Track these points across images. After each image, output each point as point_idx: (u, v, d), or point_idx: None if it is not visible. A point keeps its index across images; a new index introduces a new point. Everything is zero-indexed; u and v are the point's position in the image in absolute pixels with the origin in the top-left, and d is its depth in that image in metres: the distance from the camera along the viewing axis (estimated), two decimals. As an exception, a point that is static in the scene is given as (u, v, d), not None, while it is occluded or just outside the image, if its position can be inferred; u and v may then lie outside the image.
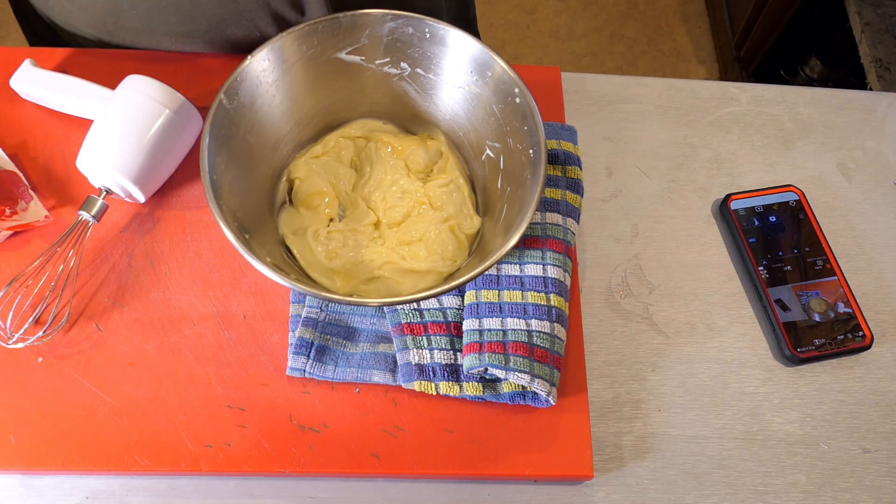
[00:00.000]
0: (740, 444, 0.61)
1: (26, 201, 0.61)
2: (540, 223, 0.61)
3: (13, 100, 0.67)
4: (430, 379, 0.57)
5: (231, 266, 0.62)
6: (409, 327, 0.58)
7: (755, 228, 0.68)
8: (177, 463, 0.55)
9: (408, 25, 0.58)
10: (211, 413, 0.57)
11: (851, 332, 0.64)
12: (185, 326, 0.59)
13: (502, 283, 0.59)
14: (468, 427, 0.58)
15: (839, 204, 0.72)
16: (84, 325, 0.59)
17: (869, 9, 1.42)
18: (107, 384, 0.57)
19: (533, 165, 0.55)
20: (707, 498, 0.59)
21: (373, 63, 0.62)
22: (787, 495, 0.60)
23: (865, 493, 0.60)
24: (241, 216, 0.55)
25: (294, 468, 0.55)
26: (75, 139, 0.65)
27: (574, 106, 0.74)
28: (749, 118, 0.76)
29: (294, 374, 0.58)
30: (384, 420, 0.57)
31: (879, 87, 1.34)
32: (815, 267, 0.67)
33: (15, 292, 0.58)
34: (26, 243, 0.62)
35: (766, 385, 0.63)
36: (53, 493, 0.56)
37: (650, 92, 0.76)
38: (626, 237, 0.69)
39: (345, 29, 0.59)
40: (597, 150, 0.72)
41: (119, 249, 0.62)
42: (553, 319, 0.57)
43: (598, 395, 0.62)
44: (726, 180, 0.72)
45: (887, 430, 0.63)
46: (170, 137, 0.61)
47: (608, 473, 0.59)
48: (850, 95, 0.78)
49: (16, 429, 0.55)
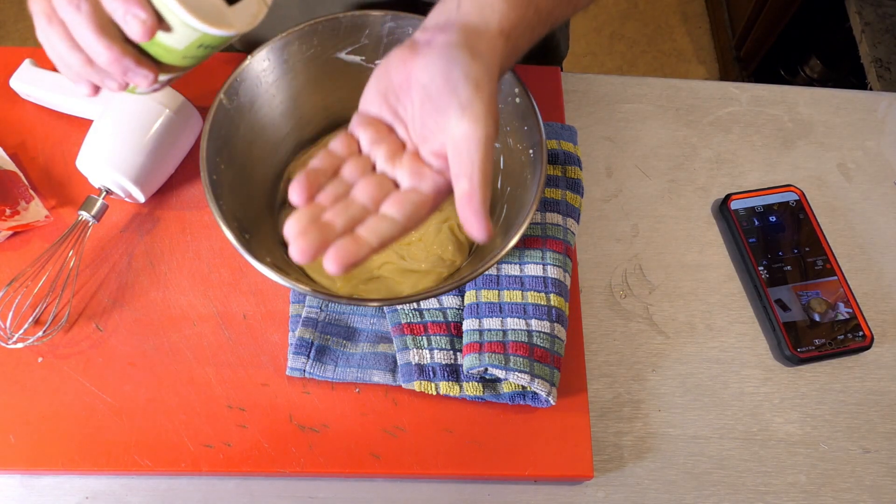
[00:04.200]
0: (740, 444, 0.61)
1: (26, 201, 0.61)
2: (540, 223, 0.61)
3: (13, 100, 0.67)
4: (430, 379, 0.57)
5: (231, 266, 0.62)
6: (409, 327, 0.58)
7: (755, 228, 0.68)
8: (177, 463, 0.55)
9: (408, 25, 0.58)
10: (211, 413, 0.57)
11: (851, 332, 0.64)
12: (185, 326, 0.59)
13: (502, 283, 0.59)
14: (468, 427, 0.58)
15: (839, 204, 0.72)
16: (84, 325, 0.59)
17: (869, 9, 1.42)
18: (107, 384, 0.57)
19: (533, 165, 0.55)
20: (707, 498, 0.59)
21: (373, 63, 0.62)
22: (787, 495, 0.60)
23: (865, 493, 0.60)
24: (241, 216, 0.55)
25: (294, 468, 0.55)
26: (75, 139, 0.65)
27: (574, 106, 0.74)
28: (749, 118, 0.76)
29: (294, 374, 0.58)
30: (384, 420, 0.57)
31: (879, 87, 1.34)
32: (815, 267, 0.67)
33: (15, 292, 0.58)
34: (26, 243, 0.62)
35: (766, 385, 0.63)
36: (53, 493, 0.56)
37: (650, 92, 0.76)
38: (626, 237, 0.69)
39: (345, 29, 0.58)
40: (597, 150, 0.72)
41: (119, 249, 0.62)
42: (553, 319, 0.57)
43: (598, 395, 0.62)
44: (726, 180, 0.72)
45: (887, 430, 0.63)
46: (169, 137, 0.61)
47: (608, 473, 0.59)
48: (850, 95, 0.78)
49: (16, 429, 0.55)
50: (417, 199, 0.44)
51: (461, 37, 0.43)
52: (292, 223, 0.42)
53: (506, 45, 0.45)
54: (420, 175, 0.45)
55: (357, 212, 0.44)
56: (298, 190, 0.43)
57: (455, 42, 0.43)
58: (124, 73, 0.43)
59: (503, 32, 0.45)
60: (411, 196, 0.44)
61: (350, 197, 0.44)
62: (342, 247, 0.41)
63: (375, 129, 0.46)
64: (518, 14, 0.46)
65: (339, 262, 0.41)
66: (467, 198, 0.42)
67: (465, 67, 0.42)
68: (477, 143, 0.42)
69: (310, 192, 0.44)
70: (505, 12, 0.45)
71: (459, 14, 0.45)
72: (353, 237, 0.42)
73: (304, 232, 0.41)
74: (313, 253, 0.41)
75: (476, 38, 0.44)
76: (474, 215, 0.42)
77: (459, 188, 0.42)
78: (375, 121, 0.47)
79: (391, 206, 0.44)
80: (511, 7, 0.45)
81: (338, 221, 0.43)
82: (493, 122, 0.43)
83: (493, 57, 0.44)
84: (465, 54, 0.43)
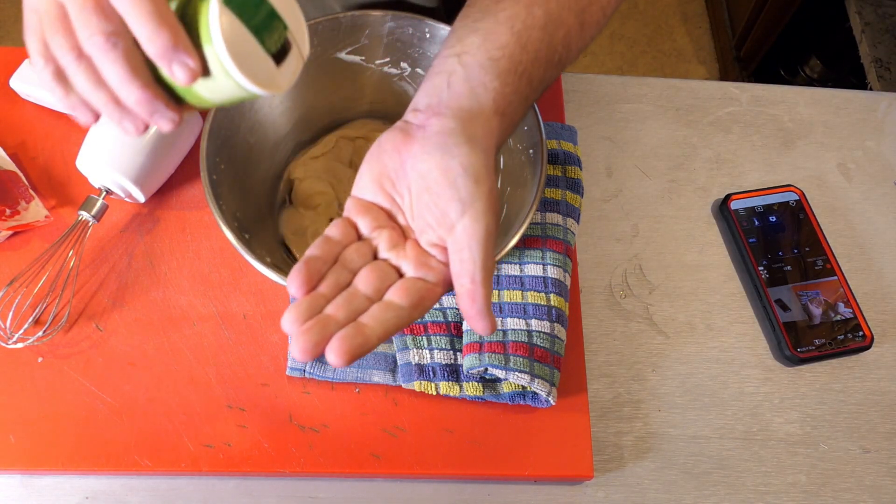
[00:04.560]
0: (740, 444, 0.61)
1: (26, 201, 0.61)
2: (540, 223, 0.61)
3: (13, 100, 0.67)
4: (430, 379, 0.57)
5: (231, 266, 0.62)
6: (409, 327, 0.58)
7: (755, 228, 0.68)
8: (177, 463, 0.55)
9: (408, 25, 0.58)
10: (211, 413, 0.57)
11: (851, 332, 0.64)
12: (185, 326, 0.59)
13: (502, 283, 0.59)
14: (468, 427, 0.58)
15: (839, 204, 0.72)
16: (84, 325, 0.59)
17: (869, 9, 1.42)
18: (107, 384, 0.57)
19: (533, 165, 0.55)
20: (707, 498, 0.59)
21: (373, 63, 0.62)
22: (787, 495, 0.60)
23: (865, 493, 0.60)
24: (241, 216, 0.55)
25: (294, 468, 0.55)
26: (75, 139, 0.65)
27: (574, 106, 0.74)
28: (749, 118, 0.76)
29: (294, 374, 0.58)
30: (384, 420, 0.57)
31: (879, 87, 1.34)
32: (815, 267, 0.67)
33: (15, 292, 0.58)
34: (26, 243, 0.62)
35: (766, 385, 0.63)
36: (53, 493, 0.56)
37: (650, 92, 0.76)
38: (626, 237, 0.69)
39: (345, 29, 0.58)
40: (597, 150, 0.72)
41: (119, 249, 0.62)
42: (553, 319, 0.57)
43: (598, 395, 0.62)
44: (726, 180, 0.72)
45: (887, 430, 0.63)
46: (170, 137, 0.61)
47: (608, 473, 0.59)
48: (850, 95, 0.78)
49: (16, 429, 0.55)
50: (424, 288, 0.42)
51: (456, 122, 0.42)
52: (291, 317, 0.39)
53: (501, 122, 0.44)
54: (426, 266, 0.42)
55: (361, 303, 0.41)
56: (298, 281, 0.40)
57: (450, 129, 0.42)
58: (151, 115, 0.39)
59: (498, 111, 0.44)
60: (418, 284, 0.42)
61: (353, 287, 0.42)
62: (346, 338, 0.38)
63: (374, 217, 0.44)
64: (511, 89, 0.44)
65: (342, 355, 0.38)
66: (470, 297, 0.40)
67: (462, 158, 0.41)
68: (479, 241, 0.41)
69: (310, 282, 0.41)
70: (499, 89, 0.44)
71: (451, 94, 0.43)
72: (357, 326, 0.39)
73: (307, 330, 0.38)
74: (316, 351, 0.38)
75: (471, 123, 0.42)
76: (478, 314, 0.40)
77: (461, 286, 0.41)
78: (373, 206, 0.44)
79: (397, 293, 0.41)
80: (504, 83, 0.44)
81: (340, 315, 0.40)
82: (493, 216, 0.41)
83: (490, 140, 0.43)
84: (462, 142, 0.41)
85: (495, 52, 0.44)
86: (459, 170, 0.41)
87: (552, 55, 0.47)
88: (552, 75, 0.49)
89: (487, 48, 0.44)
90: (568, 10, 0.48)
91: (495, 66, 0.44)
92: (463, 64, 0.44)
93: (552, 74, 0.48)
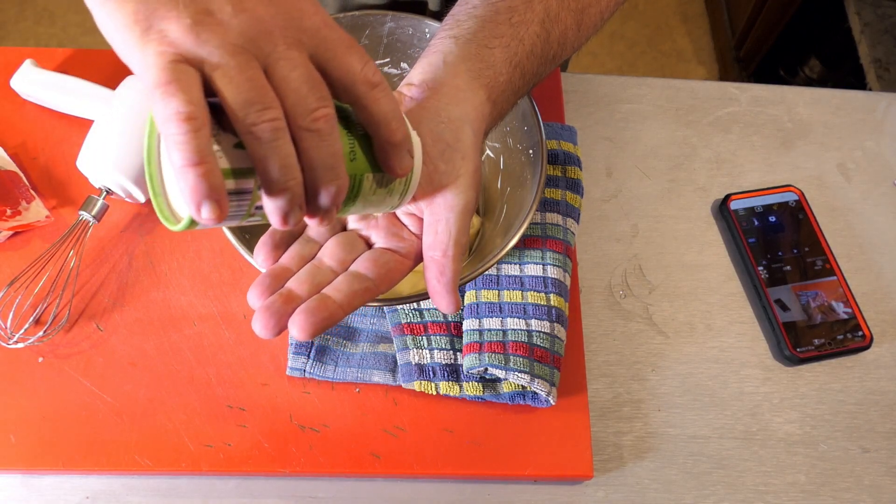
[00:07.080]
0: (740, 443, 0.61)
1: (27, 201, 0.61)
2: (540, 223, 0.61)
3: (13, 100, 0.67)
4: (430, 379, 0.57)
5: (231, 266, 0.62)
6: (409, 327, 0.58)
7: (755, 228, 0.68)
8: (177, 463, 0.55)
9: (408, 26, 0.59)
10: (211, 413, 0.57)
11: (851, 332, 0.64)
12: (185, 326, 0.59)
13: (502, 283, 0.59)
14: (468, 427, 0.58)
15: (839, 204, 0.72)
16: (84, 325, 0.59)
17: (868, 9, 1.42)
18: (107, 384, 0.57)
19: (533, 165, 0.55)
20: (707, 498, 0.59)
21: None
22: (787, 495, 0.60)
23: (865, 493, 0.60)
24: (241, 216, 0.55)
25: (294, 468, 0.55)
26: (76, 139, 0.65)
27: (574, 106, 0.74)
28: (749, 118, 0.76)
29: (294, 374, 0.58)
30: (384, 420, 0.57)
31: (879, 87, 1.35)
32: (815, 267, 0.67)
33: (15, 292, 0.58)
34: (26, 243, 0.62)
35: (765, 385, 0.64)
36: (54, 493, 0.56)
37: (650, 92, 0.76)
38: (626, 237, 0.69)
39: (345, 29, 0.58)
40: (597, 150, 0.72)
41: (119, 249, 0.62)
42: (553, 319, 0.57)
43: (598, 395, 0.62)
44: (726, 180, 0.72)
45: (887, 429, 0.63)
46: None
47: (608, 473, 0.59)
48: (850, 95, 0.78)
49: (16, 429, 0.55)
50: (392, 259, 0.41)
51: (449, 99, 0.42)
52: (256, 292, 0.39)
53: (492, 111, 0.45)
54: (397, 237, 0.42)
55: (325, 276, 0.40)
56: (263, 253, 0.40)
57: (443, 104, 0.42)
58: (334, 200, 0.34)
59: (490, 98, 0.44)
60: (386, 256, 0.41)
61: (317, 259, 0.41)
62: (309, 311, 0.37)
63: None
64: (505, 79, 0.45)
65: (304, 329, 0.37)
66: (439, 270, 0.40)
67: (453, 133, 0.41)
68: (457, 215, 0.40)
69: (275, 253, 0.41)
70: (492, 77, 0.44)
71: (446, 72, 0.43)
72: (321, 299, 0.38)
73: (267, 307, 0.37)
74: (278, 329, 0.37)
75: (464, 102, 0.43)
76: (445, 289, 0.40)
77: (431, 258, 0.40)
78: None
79: (363, 265, 0.40)
80: (497, 72, 0.44)
81: (303, 289, 0.39)
82: (474, 194, 0.42)
83: (480, 123, 0.43)
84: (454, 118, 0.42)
85: (492, 40, 0.44)
86: (449, 143, 0.41)
87: (547, 51, 0.47)
88: (545, 70, 0.49)
89: (484, 35, 0.44)
90: (567, 10, 0.48)
91: (490, 53, 0.44)
92: (459, 45, 0.44)
93: (545, 70, 0.49)
